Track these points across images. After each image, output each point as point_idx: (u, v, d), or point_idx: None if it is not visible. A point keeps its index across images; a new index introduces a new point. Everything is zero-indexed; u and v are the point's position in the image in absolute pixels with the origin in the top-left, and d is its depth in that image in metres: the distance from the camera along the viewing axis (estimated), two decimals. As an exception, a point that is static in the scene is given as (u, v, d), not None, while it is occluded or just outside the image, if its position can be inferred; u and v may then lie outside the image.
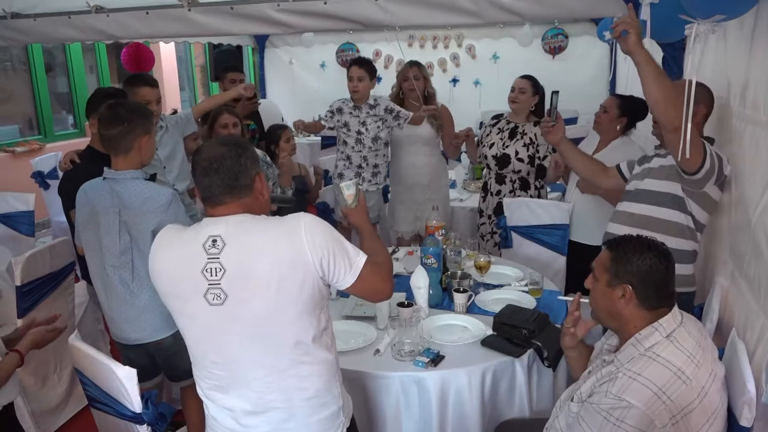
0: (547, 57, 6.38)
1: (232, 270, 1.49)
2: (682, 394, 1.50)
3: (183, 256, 1.54)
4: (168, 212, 2.25)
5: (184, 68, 9.15)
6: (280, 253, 1.49)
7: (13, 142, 6.18)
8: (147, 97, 3.17)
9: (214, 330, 1.55)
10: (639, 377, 1.52)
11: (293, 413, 1.60)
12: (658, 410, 1.48)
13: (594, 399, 1.58)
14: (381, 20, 2.79)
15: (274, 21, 2.92)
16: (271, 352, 1.55)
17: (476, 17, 2.70)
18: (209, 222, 1.56)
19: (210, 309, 1.52)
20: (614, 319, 1.70)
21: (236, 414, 1.62)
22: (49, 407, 2.99)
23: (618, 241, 1.72)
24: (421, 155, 3.99)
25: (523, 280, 2.86)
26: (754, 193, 1.87)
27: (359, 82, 3.87)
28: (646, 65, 2.00)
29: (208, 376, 1.64)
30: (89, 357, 1.91)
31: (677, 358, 1.55)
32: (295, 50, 7.24)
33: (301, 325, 1.55)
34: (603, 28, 4.45)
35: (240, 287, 1.50)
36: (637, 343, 1.62)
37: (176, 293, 1.58)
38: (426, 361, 2.10)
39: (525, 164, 3.59)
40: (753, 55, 1.94)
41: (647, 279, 1.63)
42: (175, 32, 3.14)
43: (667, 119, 2.05)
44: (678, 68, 2.84)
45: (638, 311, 1.65)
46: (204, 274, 1.50)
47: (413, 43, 6.98)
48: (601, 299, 1.72)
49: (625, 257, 1.66)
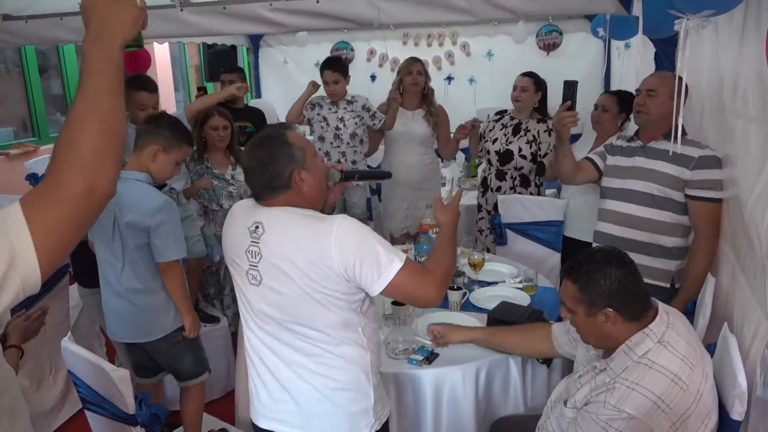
0: (542, 54, 6.37)
1: (267, 256, 1.61)
2: (680, 400, 1.50)
3: (237, 232, 1.69)
4: (156, 218, 2.26)
5: (178, 69, 9.12)
6: (307, 251, 1.56)
7: (7, 145, 6.15)
8: (144, 102, 3.15)
9: (254, 306, 1.69)
10: (638, 387, 1.51)
11: (321, 401, 1.66)
12: (658, 420, 1.48)
13: (591, 408, 1.57)
14: (374, 18, 2.80)
15: (267, 20, 2.92)
16: (300, 338, 1.64)
17: (469, 15, 2.70)
18: (258, 208, 1.68)
19: (250, 287, 1.67)
20: (606, 341, 1.68)
21: (270, 389, 1.72)
22: (45, 410, 2.99)
23: (575, 267, 1.68)
24: (414, 154, 3.98)
25: (517, 277, 2.87)
26: (746, 189, 1.87)
27: (335, 85, 3.88)
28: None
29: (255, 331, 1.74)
30: (83, 359, 1.91)
31: (672, 363, 1.54)
32: (289, 50, 7.22)
33: (327, 319, 1.61)
34: (597, 24, 4.46)
35: (271, 274, 1.61)
36: (629, 350, 1.60)
37: (235, 261, 1.71)
38: (420, 359, 2.11)
39: (527, 161, 3.59)
40: (742, 50, 1.94)
41: (622, 294, 1.62)
42: (168, 32, 3.14)
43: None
44: (670, 64, 2.85)
45: (625, 325, 1.63)
46: (247, 254, 1.65)
47: (407, 41, 6.96)
48: (586, 328, 1.69)
49: (591, 283, 1.63)
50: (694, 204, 2.33)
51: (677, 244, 2.45)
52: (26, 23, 3.27)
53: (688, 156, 2.32)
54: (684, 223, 2.42)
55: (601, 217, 2.66)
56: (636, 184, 2.47)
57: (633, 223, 2.49)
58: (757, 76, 1.78)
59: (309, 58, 7.08)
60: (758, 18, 1.77)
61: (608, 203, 2.61)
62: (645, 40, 2.93)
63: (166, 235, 2.27)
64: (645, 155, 2.48)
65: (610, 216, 2.58)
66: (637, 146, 2.53)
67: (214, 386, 3.18)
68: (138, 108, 3.21)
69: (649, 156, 2.47)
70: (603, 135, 3.27)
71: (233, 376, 2.92)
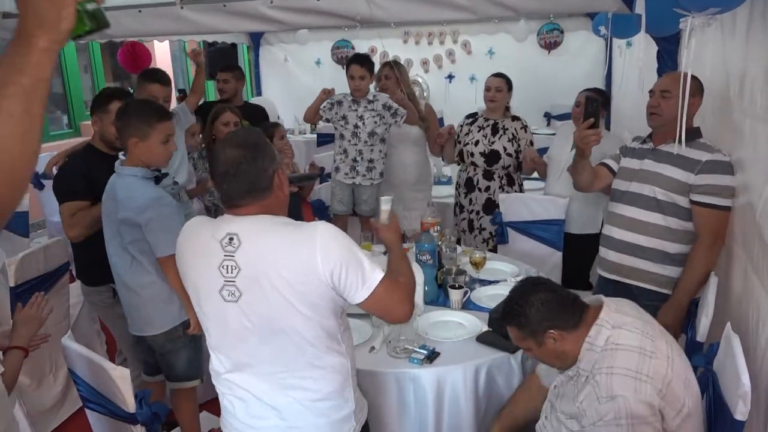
0: (543, 52, 6.37)
1: (247, 269, 1.51)
2: (655, 367, 1.58)
3: (202, 249, 1.57)
4: (144, 214, 2.25)
5: (179, 67, 9.12)
6: (292, 259, 1.49)
7: (7, 143, 6.15)
8: (155, 94, 3.19)
9: (230, 325, 1.57)
10: (614, 369, 1.59)
11: (303, 413, 1.60)
12: (646, 390, 1.55)
13: (593, 418, 1.60)
14: (374, 16, 2.79)
15: (267, 18, 2.91)
16: (283, 352, 1.56)
17: (470, 12, 2.69)
18: (228, 219, 1.57)
19: (225, 305, 1.55)
20: (567, 357, 1.74)
21: (249, 405, 1.63)
22: (45, 408, 2.98)
23: (505, 314, 1.79)
24: (410, 154, 4.01)
25: (518, 276, 2.85)
26: (757, 188, 1.86)
27: (361, 80, 3.85)
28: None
29: (223, 361, 1.66)
30: (83, 357, 1.91)
31: (633, 339, 1.64)
32: (290, 47, 7.22)
33: (312, 330, 1.54)
34: (598, 23, 4.45)
35: (253, 287, 1.51)
36: (591, 345, 1.68)
37: (196, 284, 1.61)
38: (421, 358, 2.10)
39: (512, 158, 3.64)
40: (749, 48, 1.93)
41: (552, 312, 1.71)
42: (168, 30, 3.14)
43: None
44: (672, 62, 2.84)
45: (573, 335, 1.71)
46: (220, 270, 1.53)
47: (408, 40, 6.96)
48: (547, 356, 1.78)
49: (523, 318, 1.73)
50: (697, 210, 2.27)
51: (682, 251, 2.36)
52: (26, 21, 3.26)
53: (695, 160, 2.26)
54: (690, 230, 2.33)
55: (608, 220, 2.62)
56: (641, 187, 2.42)
57: (637, 228, 2.43)
58: (765, 74, 1.77)
59: (309, 56, 7.09)
60: (765, 15, 1.76)
61: (614, 206, 2.56)
62: (647, 38, 2.92)
63: (156, 231, 2.26)
64: (654, 158, 2.42)
65: (615, 220, 2.53)
66: (648, 149, 2.48)
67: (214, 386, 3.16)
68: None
69: (657, 159, 2.40)
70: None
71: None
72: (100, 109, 2.71)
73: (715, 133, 2.38)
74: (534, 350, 1.77)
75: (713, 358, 1.81)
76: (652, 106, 2.42)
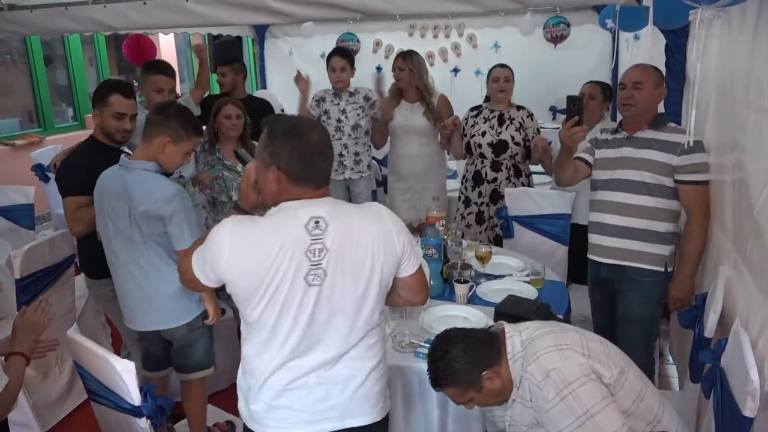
0: (549, 46, 6.32)
1: (335, 250, 1.56)
2: (569, 336, 1.72)
3: (282, 241, 1.53)
4: (169, 207, 2.23)
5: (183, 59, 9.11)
6: (374, 237, 1.60)
7: (13, 135, 6.17)
8: (160, 85, 3.22)
9: (305, 310, 1.58)
10: (537, 354, 1.69)
11: (363, 381, 1.68)
12: (571, 356, 1.66)
13: (543, 407, 1.66)
14: (381, 9, 2.76)
15: (273, 10, 2.88)
16: (355, 327, 1.63)
17: (477, 5, 2.67)
18: (304, 204, 1.58)
19: (308, 290, 1.57)
20: (504, 392, 1.79)
21: (312, 389, 1.64)
22: (50, 400, 2.99)
23: (433, 378, 1.82)
24: (415, 145, 3.97)
25: (524, 271, 2.85)
26: (757, 180, 1.84)
27: (342, 72, 3.90)
28: None
29: (283, 350, 1.62)
30: (88, 350, 1.91)
31: (540, 328, 1.79)
32: (295, 41, 7.19)
33: (379, 304, 1.67)
34: (605, 16, 4.41)
35: (340, 267, 1.57)
36: (513, 356, 1.76)
37: (266, 281, 1.54)
38: (426, 353, 2.09)
39: (520, 147, 3.63)
40: (757, 41, 1.91)
41: (478, 356, 1.76)
42: (174, 23, 3.11)
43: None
44: (681, 55, 2.81)
45: (502, 369, 1.76)
46: (308, 255, 1.55)
47: (414, 33, 6.92)
48: (489, 399, 1.81)
49: (453, 374, 1.76)
50: (684, 188, 2.46)
51: (669, 229, 2.56)
52: (31, 13, 3.25)
53: (675, 143, 2.45)
54: (674, 209, 2.54)
55: (594, 207, 2.74)
56: (627, 173, 2.56)
57: (628, 211, 2.58)
58: (773, 68, 1.75)
59: (314, 50, 7.05)
60: (774, 8, 1.74)
61: (600, 194, 2.69)
62: (655, 31, 2.90)
63: (181, 223, 2.25)
64: (632, 145, 2.57)
65: (603, 206, 2.66)
66: (623, 137, 2.62)
67: (218, 377, 3.17)
68: (154, 91, 3.24)
69: (636, 146, 2.56)
70: (588, 122, 3.33)
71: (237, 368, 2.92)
72: (100, 102, 2.69)
73: (716, 126, 2.38)
74: (475, 399, 1.80)
75: (721, 353, 1.80)
76: (625, 98, 2.55)
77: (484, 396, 1.79)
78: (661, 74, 2.60)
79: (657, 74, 2.57)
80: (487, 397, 1.79)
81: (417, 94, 3.92)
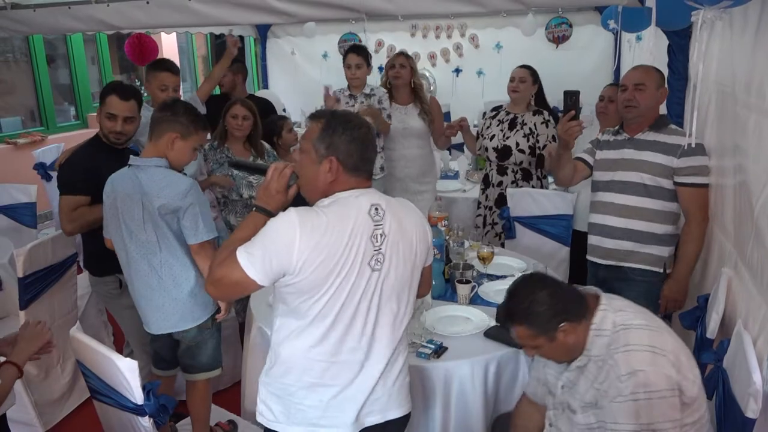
0: (551, 46, 6.33)
1: (392, 235, 1.64)
2: (664, 340, 1.63)
3: (351, 226, 1.58)
4: (186, 200, 2.23)
5: (186, 59, 9.11)
6: (416, 224, 1.73)
7: (15, 134, 6.18)
8: (165, 83, 3.23)
9: (367, 296, 1.63)
10: (630, 346, 1.61)
11: (399, 374, 1.75)
12: (663, 364, 1.57)
13: (611, 394, 1.61)
14: (384, 9, 2.77)
15: (276, 10, 2.89)
16: (401, 318, 1.72)
17: (479, 6, 2.67)
18: (361, 193, 1.65)
19: (371, 275, 1.62)
20: (575, 350, 1.73)
21: (386, 381, 1.73)
22: (52, 398, 3.00)
23: (511, 312, 1.75)
24: (413, 148, 3.97)
25: (526, 271, 2.85)
26: (758, 181, 1.85)
27: (357, 69, 3.86)
28: None
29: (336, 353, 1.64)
30: (91, 349, 1.91)
31: (636, 318, 1.69)
32: (296, 40, 7.20)
33: (415, 292, 1.77)
34: (607, 17, 4.42)
35: (395, 251, 1.65)
36: (599, 331, 1.69)
37: (337, 268, 1.56)
38: (429, 353, 2.10)
39: (526, 155, 3.55)
40: (758, 43, 1.91)
41: (563, 306, 1.69)
42: (176, 22, 3.13)
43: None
44: (684, 57, 2.81)
45: (581, 327, 1.70)
46: (372, 240, 1.61)
47: (416, 33, 6.92)
48: (556, 352, 1.76)
49: (532, 315, 1.69)
50: (683, 190, 2.47)
51: (668, 231, 2.58)
52: (34, 12, 3.26)
53: (675, 145, 2.46)
54: (673, 210, 2.55)
55: (594, 209, 2.75)
56: (628, 175, 2.57)
57: (628, 213, 2.58)
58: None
59: (316, 49, 7.07)
60: (777, 10, 1.74)
61: (600, 195, 2.70)
62: (657, 32, 2.89)
63: (195, 216, 2.24)
64: (633, 147, 2.57)
65: (604, 207, 2.67)
66: (624, 139, 2.63)
67: (221, 377, 3.17)
68: (159, 89, 3.25)
69: (637, 147, 2.56)
70: (606, 125, 3.29)
71: (240, 367, 2.92)
72: (101, 101, 2.70)
73: (717, 128, 2.39)
74: (543, 348, 1.73)
75: (723, 355, 1.80)
76: (627, 100, 2.54)
77: (552, 348, 1.73)
78: (662, 75, 2.61)
79: (658, 75, 2.57)
80: (554, 350, 1.73)
81: (410, 95, 3.92)
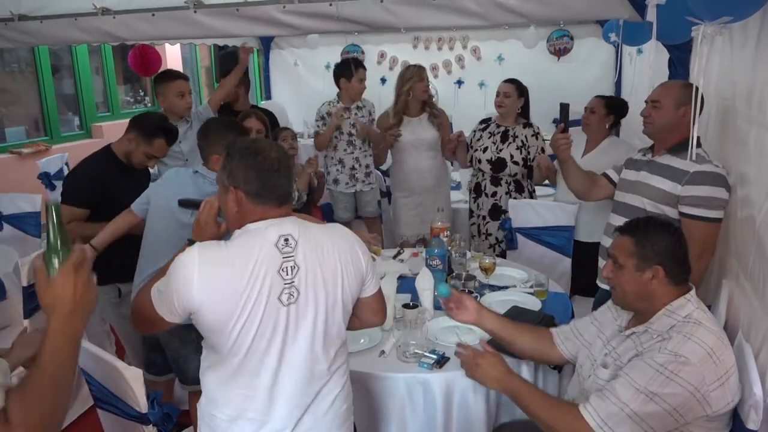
0: (552, 59, 6.36)
1: (306, 267, 1.56)
2: (726, 357, 1.61)
3: (254, 260, 1.50)
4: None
5: (189, 70, 9.15)
6: (342, 255, 1.63)
7: (19, 144, 6.20)
8: (182, 89, 3.37)
9: (278, 332, 1.54)
10: (693, 337, 1.61)
11: (332, 404, 1.66)
12: (709, 369, 1.57)
13: (645, 356, 1.63)
14: (386, 22, 2.80)
15: (280, 22, 2.92)
16: (326, 349, 1.63)
17: (482, 19, 2.70)
18: (271, 223, 1.56)
19: (282, 309, 1.54)
20: (644, 300, 1.75)
21: (289, 396, 1.61)
22: (55, 407, 2.99)
23: (635, 225, 1.79)
24: (426, 159, 4.00)
25: (528, 282, 2.86)
26: (759, 194, 1.86)
27: (362, 83, 3.98)
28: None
29: (250, 388, 1.57)
30: (96, 357, 1.92)
31: (714, 324, 1.68)
32: (299, 52, 7.25)
33: (344, 323, 1.69)
34: (608, 30, 4.45)
35: (311, 284, 1.57)
36: (672, 313, 1.70)
37: (240, 304, 1.49)
38: (431, 363, 2.10)
39: (519, 167, 3.63)
40: (759, 57, 1.93)
41: (673, 256, 1.72)
42: (181, 34, 3.16)
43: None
44: (684, 70, 2.83)
45: (667, 288, 1.72)
46: (281, 273, 1.53)
47: (418, 45, 6.97)
48: (630, 284, 1.75)
49: (648, 239, 1.72)
50: (685, 221, 2.25)
51: None
52: (41, 23, 3.30)
53: (683, 170, 2.27)
54: None
55: (605, 231, 2.64)
56: (633, 198, 2.47)
57: None
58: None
59: (319, 61, 7.10)
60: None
61: (612, 218, 2.59)
62: (658, 45, 2.92)
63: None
64: (649, 170, 2.44)
65: (608, 229, 2.58)
66: (646, 160, 2.49)
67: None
68: (177, 96, 3.39)
69: (651, 170, 2.43)
70: (593, 137, 3.35)
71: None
72: (143, 135, 2.77)
73: (718, 141, 2.40)
74: (626, 271, 1.74)
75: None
76: (644, 116, 2.46)
77: (629, 279, 1.74)
78: (688, 91, 2.19)
79: (682, 92, 2.31)
80: (629, 282, 1.74)
81: (421, 107, 3.95)
